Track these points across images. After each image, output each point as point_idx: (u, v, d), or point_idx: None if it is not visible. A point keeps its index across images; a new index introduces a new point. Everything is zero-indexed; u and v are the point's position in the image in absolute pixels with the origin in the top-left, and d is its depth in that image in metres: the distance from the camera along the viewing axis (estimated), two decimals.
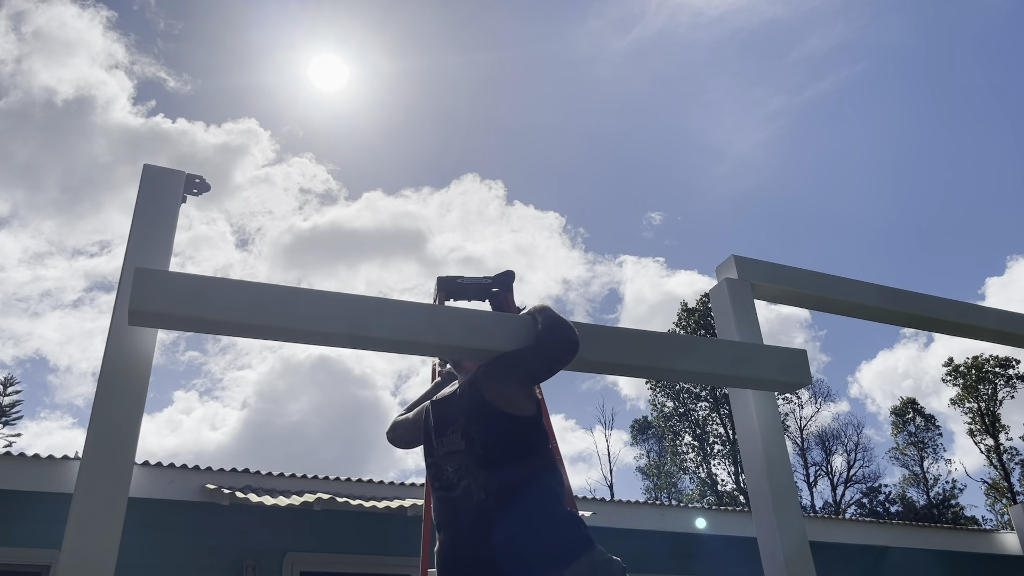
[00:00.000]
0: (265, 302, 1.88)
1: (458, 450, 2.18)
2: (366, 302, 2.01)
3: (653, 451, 38.44)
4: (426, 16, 45.06)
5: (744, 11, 45.02)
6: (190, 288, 1.83)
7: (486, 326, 2.12)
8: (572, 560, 2.00)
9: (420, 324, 2.06)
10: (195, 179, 2.26)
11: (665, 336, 2.37)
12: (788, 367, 2.42)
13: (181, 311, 1.81)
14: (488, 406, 2.15)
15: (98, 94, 40.33)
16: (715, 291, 2.87)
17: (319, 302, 1.94)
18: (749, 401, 2.62)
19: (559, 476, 2.21)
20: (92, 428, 1.84)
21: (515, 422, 2.15)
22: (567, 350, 2.06)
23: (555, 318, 2.12)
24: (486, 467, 2.11)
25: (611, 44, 45.93)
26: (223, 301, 1.84)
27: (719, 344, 2.46)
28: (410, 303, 2.09)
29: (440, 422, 2.30)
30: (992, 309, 3.37)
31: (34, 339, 41.49)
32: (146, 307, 1.77)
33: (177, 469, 7.07)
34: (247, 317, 1.85)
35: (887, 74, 46.19)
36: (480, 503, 2.08)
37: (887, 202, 49.51)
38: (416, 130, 48.37)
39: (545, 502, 2.10)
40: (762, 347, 2.49)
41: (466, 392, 2.25)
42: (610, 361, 2.24)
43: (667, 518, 8.98)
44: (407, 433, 2.52)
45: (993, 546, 10.41)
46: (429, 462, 2.32)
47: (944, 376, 35.82)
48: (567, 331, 2.08)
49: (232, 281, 1.89)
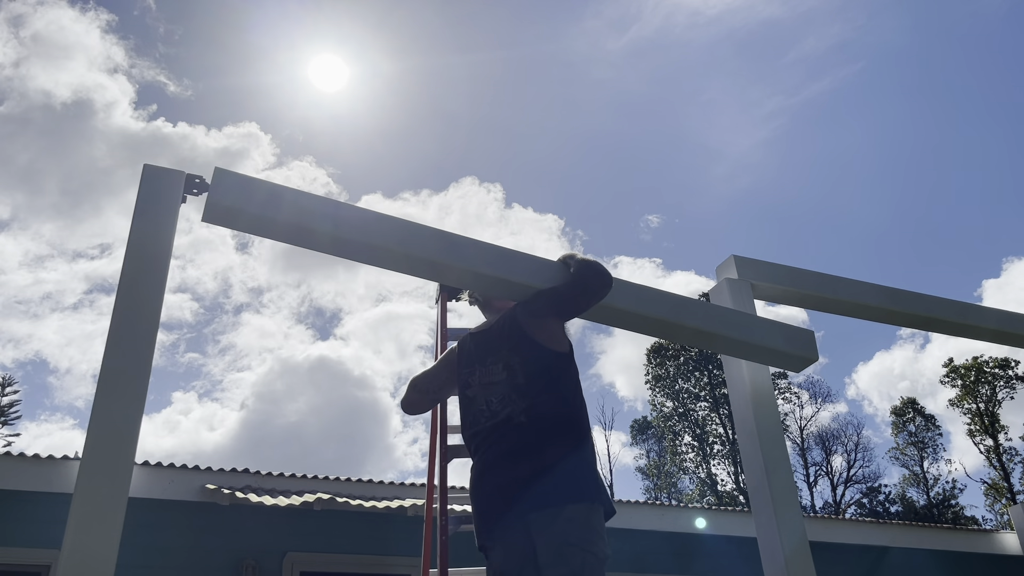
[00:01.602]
0: (323, 213, 2.16)
1: (499, 380, 2.29)
2: (422, 229, 2.27)
3: (653, 451, 38.44)
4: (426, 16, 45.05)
5: (741, 11, 45.03)
6: (262, 191, 2.14)
7: (526, 264, 2.34)
8: (582, 500, 2.11)
9: (470, 255, 2.29)
10: (195, 179, 2.25)
11: (684, 298, 2.53)
12: (797, 342, 2.56)
13: (253, 210, 2.10)
14: (528, 339, 2.29)
15: (100, 98, 40.39)
16: (715, 291, 2.87)
17: (372, 220, 2.22)
18: (749, 401, 2.62)
19: (587, 414, 2.33)
20: (92, 428, 1.84)
21: (553, 356, 2.29)
22: (602, 283, 2.26)
23: (586, 259, 2.30)
24: (527, 396, 2.22)
25: (608, 44, 45.93)
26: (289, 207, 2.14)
27: (733, 313, 2.60)
28: (463, 237, 2.32)
29: (481, 351, 2.40)
30: (992, 309, 3.37)
31: (34, 341, 41.52)
32: (222, 202, 2.06)
33: (177, 469, 7.07)
34: (306, 223, 2.14)
35: (884, 74, 46.25)
36: (519, 427, 2.20)
37: (884, 203, 49.56)
38: (415, 132, 48.39)
39: (575, 436, 2.22)
40: (774, 322, 2.59)
41: (505, 326, 2.38)
42: (634, 312, 2.41)
43: (667, 518, 8.97)
44: (431, 381, 2.61)
45: (993, 546, 10.41)
46: (465, 395, 2.41)
47: (943, 377, 35.84)
48: (599, 267, 2.28)
49: (296, 190, 2.18)
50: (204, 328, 48.27)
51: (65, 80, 39.57)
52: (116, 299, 2.00)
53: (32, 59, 37.19)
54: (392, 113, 47.54)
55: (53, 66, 37.93)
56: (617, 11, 45.33)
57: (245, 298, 47.34)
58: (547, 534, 2.05)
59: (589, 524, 2.08)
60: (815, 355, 2.56)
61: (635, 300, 2.42)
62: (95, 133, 40.01)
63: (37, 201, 40.04)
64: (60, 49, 38.40)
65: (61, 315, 42.12)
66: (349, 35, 44.25)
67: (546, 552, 2.03)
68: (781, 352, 2.54)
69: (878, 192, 49.18)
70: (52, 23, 38.03)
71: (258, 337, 44.57)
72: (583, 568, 2.01)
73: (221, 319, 49.63)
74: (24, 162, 37.48)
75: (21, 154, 37.29)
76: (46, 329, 40.49)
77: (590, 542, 2.05)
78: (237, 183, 2.11)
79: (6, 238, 38.20)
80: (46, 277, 39.54)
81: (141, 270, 2.04)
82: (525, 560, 2.05)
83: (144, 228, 2.09)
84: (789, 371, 2.62)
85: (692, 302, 2.54)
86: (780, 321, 2.59)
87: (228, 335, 47.22)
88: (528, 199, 57.06)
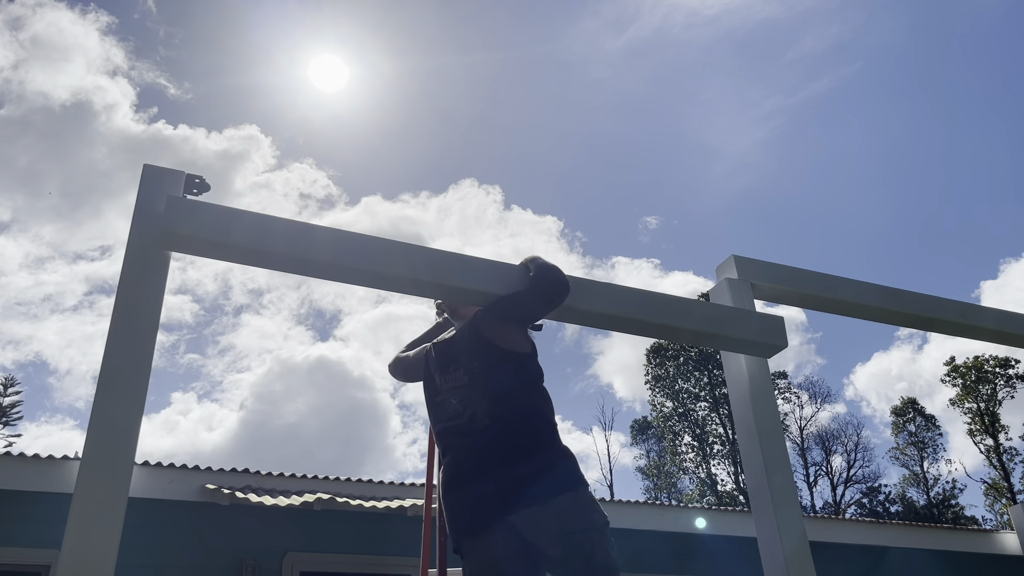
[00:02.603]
0: (281, 233, 2.15)
1: (462, 385, 2.39)
2: (377, 242, 2.25)
3: (653, 451, 38.44)
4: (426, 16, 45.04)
5: (739, 11, 44.98)
6: (217, 216, 2.12)
7: (486, 271, 2.36)
8: (565, 490, 2.20)
9: (426, 265, 2.28)
10: (195, 179, 2.25)
11: (649, 293, 2.51)
12: (766, 330, 2.59)
13: (208, 236, 2.08)
14: (488, 344, 2.37)
15: (101, 101, 40.37)
16: (715, 291, 2.87)
17: (331, 238, 2.20)
18: (748, 400, 2.62)
19: (553, 410, 2.42)
20: (92, 428, 1.84)
21: (514, 358, 2.38)
22: (558, 292, 2.30)
23: (546, 264, 2.35)
24: (489, 397, 2.31)
25: (606, 44, 45.89)
26: (244, 230, 2.12)
27: (701, 305, 2.63)
28: (418, 246, 2.32)
29: (443, 360, 2.50)
30: (992, 309, 3.36)
31: (35, 343, 41.49)
32: (177, 230, 2.05)
33: (177, 469, 7.07)
34: (262, 245, 2.12)
35: (882, 74, 46.22)
36: (485, 428, 2.28)
37: (881, 204, 49.54)
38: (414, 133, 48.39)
39: (543, 432, 2.31)
40: (741, 310, 2.62)
41: (466, 333, 2.47)
42: (598, 312, 2.41)
43: (667, 518, 8.97)
44: (407, 370, 2.73)
45: (993, 546, 10.41)
46: (433, 400, 2.50)
47: (944, 376, 35.81)
48: (558, 274, 2.32)
49: (253, 213, 2.15)
50: (204, 329, 48.36)
51: (66, 83, 39.57)
52: (116, 297, 2.00)
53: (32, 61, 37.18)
54: (392, 113, 47.58)
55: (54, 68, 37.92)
56: (615, 11, 45.33)
57: (245, 300, 47.35)
58: (541, 531, 2.14)
59: (577, 506, 2.19)
60: (784, 342, 2.59)
61: (599, 300, 2.43)
62: (96, 136, 40.02)
63: (37, 203, 40.03)
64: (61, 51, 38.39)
65: (61, 316, 42.10)
66: (349, 35, 44.29)
67: (550, 548, 2.13)
68: (750, 342, 2.58)
69: (876, 192, 49.21)
70: (52, 25, 38.04)
71: (258, 338, 44.59)
72: (593, 547, 2.13)
73: (221, 320, 49.68)
74: (24, 164, 37.47)
75: (21, 156, 37.27)
76: (46, 331, 40.48)
77: (586, 519, 2.17)
78: (190, 210, 2.11)
79: (6, 240, 38.20)
80: (47, 279, 39.54)
81: (142, 269, 2.04)
82: (521, 558, 2.15)
83: (144, 227, 2.09)
84: (760, 357, 2.65)
85: (660, 297, 2.55)
86: (750, 310, 2.64)
87: (228, 336, 47.26)
88: (527, 201, 57.09)
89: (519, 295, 2.31)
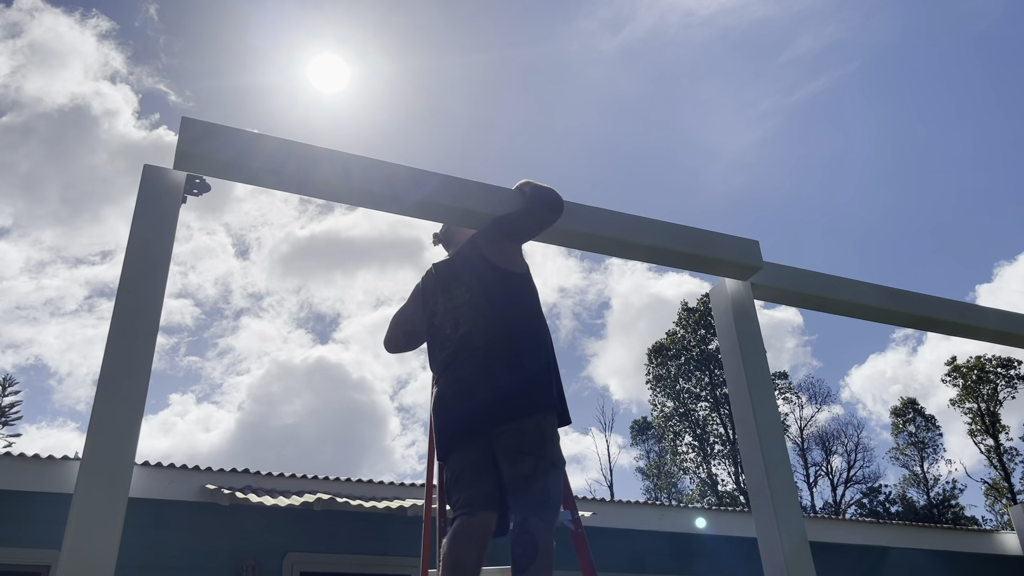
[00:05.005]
0: (288, 156, 2.27)
1: (462, 303, 2.49)
2: (386, 166, 2.39)
3: (653, 451, 38.44)
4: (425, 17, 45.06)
5: (735, 11, 44.86)
6: (230, 138, 2.23)
7: (485, 193, 2.52)
8: (535, 412, 2.33)
9: (429, 188, 2.41)
10: (195, 179, 2.26)
11: (636, 217, 2.69)
12: (743, 252, 2.79)
13: (224, 157, 2.19)
14: (486, 261, 2.50)
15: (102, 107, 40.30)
16: (715, 291, 2.87)
17: (342, 162, 2.33)
18: (749, 400, 2.62)
19: (548, 330, 2.52)
20: (92, 428, 1.84)
21: (511, 277, 2.51)
22: (552, 208, 2.48)
23: (539, 185, 2.53)
24: (486, 316, 2.42)
25: (601, 45, 45.79)
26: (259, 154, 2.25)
27: (685, 229, 2.77)
28: (426, 171, 2.44)
29: (444, 279, 2.61)
30: (992, 309, 3.36)
31: (35, 346, 41.42)
32: (192, 150, 2.15)
33: (177, 469, 7.07)
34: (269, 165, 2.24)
35: (879, 74, 46.14)
36: (477, 350, 2.38)
37: (878, 205, 49.46)
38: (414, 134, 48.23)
39: (534, 351, 2.41)
40: (718, 234, 2.80)
41: (466, 253, 2.59)
42: (585, 232, 2.58)
43: (667, 518, 8.97)
44: (405, 314, 2.81)
45: (993, 546, 10.41)
46: (431, 323, 2.60)
47: (944, 376, 35.81)
48: (552, 193, 2.50)
49: (260, 134, 2.28)
50: (204, 332, 48.32)
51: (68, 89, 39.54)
52: (117, 296, 2.00)
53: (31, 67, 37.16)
54: (392, 114, 47.54)
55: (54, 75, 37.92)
56: (610, 11, 45.22)
57: (245, 303, 47.34)
58: (504, 445, 2.29)
59: (540, 432, 2.31)
60: (760, 262, 2.78)
61: (588, 222, 2.59)
62: (97, 142, 39.97)
63: (38, 208, 39.98)
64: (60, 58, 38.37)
65: (61, 320, 42.06)
66: (349, 35, 44.24)
67: (503, 460, 2.29)
68: (728, 263, 2.76)
69: (873, 193, 49.10)
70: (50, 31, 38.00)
71: (258, 341, 44.55)
72: (535, 472, 2.25)
73: (221, 323, 49.58)
74: (25, 170, 37.41)
75: (22, 162, 37.21)
76: (47, 334, 40.45)
77: (540, 447, 2.29)
78: (204, 131, 2.21)
79: (8, 245, 38.18)
80: (47, 283, 39.51)
81: (142, 268, 2.04)
82: (485, 468, 2.31)
83: (145, 227, 2.10)
84: (739, 280, 2.80)
85: (644, 221, 2.70)
86: (726, 234, 2.81)
87: (227, 339, 47.21)
88: None
89: (515, 214, 2.48)
